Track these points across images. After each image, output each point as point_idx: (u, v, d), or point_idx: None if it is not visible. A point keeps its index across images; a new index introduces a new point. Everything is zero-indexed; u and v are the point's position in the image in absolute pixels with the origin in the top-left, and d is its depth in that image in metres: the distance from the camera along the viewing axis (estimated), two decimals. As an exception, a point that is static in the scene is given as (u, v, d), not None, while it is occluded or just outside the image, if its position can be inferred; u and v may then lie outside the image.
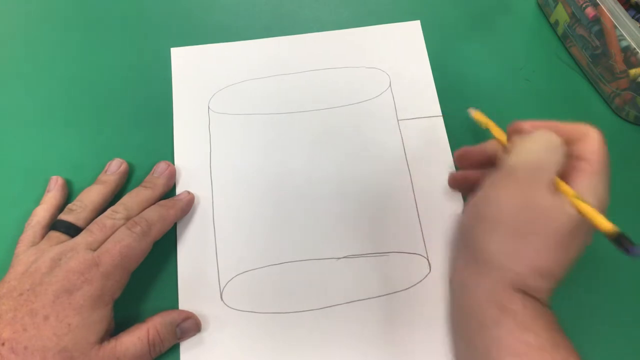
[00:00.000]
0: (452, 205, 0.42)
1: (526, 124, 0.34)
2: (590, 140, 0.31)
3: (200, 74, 0.47)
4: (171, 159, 0.43)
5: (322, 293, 0.39)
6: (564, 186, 0.30)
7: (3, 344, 0.31)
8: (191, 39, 0.49)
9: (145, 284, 0.39)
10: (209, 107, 0.46)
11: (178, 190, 0.42)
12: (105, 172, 0.42)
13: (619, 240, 0.28)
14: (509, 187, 0.30)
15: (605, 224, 0.29)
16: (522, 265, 0.29)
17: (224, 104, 0.46)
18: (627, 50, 0.42)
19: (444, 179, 0.42)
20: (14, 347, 0.31)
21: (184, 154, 0.44)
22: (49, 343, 0.31)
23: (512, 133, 0.34)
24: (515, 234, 0.29)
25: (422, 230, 0.41)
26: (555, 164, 0.30)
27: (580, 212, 0.29)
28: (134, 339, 0.34)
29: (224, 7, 0.51)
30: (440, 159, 0.44)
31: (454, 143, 0.44)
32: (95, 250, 0.35)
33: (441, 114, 0.46)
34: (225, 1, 0.51)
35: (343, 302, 0.39)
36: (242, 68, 0.48)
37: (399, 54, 0.49)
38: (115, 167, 0.42)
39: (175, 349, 0.37)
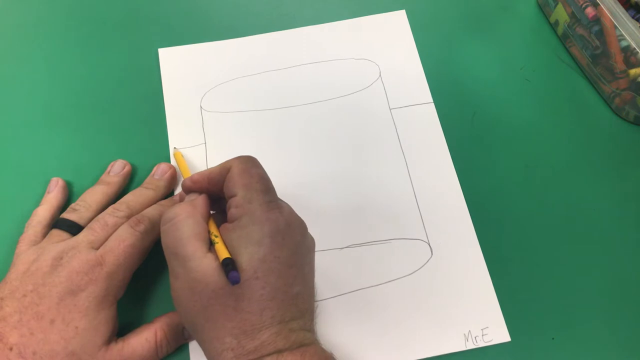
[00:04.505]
0: (448, 189, 0.43)
1: (187, 181, 0.35)
2: (230, 173, 0.32)
3: (189, 73, 0.47)
4: (168, 159, 0.43)
5: (327, 283, 0.39)
6: (213, 236, 0.31)
7: (11, 349, 0.30)
8: (180, 39, 0.49)
9: (150, 285, 0.39)
10: (201, 107, 0.46)
11: (177, 191, 0.42)
12: (108, 173, 0.41)
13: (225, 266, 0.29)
14: (173, 276, 0.31)
15: (222, 253, 0.30)
16: (229, 338, 0.29)
17: (216, 103, 0.46)
18: (627, 50, 0.42)
19: (439, 164, 0.44)
20: (22, 352, 0.30)
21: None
22: (57, 347, 0.31)
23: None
24: (205, 319, 0.30)
25: (421, 215, 0.42)
26: (188, 231, 0.31)
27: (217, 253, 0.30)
28: (141, 340, 0.34)
29: (209, 6, 0.51)
30: (434, 145, 0.45)
31: (447, 128, 0.45)
32: (97, 248, 0.34)
33: (432, 101, 0.46)
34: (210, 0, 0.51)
35: (348, 291, 0.39)
36: (231, 66, 0.48)
37: (386, 43, 0.49)
38: (119, 168, 0.41)
39: (184, 349, 0.37)
